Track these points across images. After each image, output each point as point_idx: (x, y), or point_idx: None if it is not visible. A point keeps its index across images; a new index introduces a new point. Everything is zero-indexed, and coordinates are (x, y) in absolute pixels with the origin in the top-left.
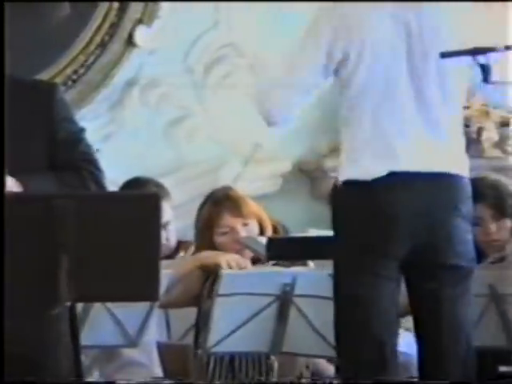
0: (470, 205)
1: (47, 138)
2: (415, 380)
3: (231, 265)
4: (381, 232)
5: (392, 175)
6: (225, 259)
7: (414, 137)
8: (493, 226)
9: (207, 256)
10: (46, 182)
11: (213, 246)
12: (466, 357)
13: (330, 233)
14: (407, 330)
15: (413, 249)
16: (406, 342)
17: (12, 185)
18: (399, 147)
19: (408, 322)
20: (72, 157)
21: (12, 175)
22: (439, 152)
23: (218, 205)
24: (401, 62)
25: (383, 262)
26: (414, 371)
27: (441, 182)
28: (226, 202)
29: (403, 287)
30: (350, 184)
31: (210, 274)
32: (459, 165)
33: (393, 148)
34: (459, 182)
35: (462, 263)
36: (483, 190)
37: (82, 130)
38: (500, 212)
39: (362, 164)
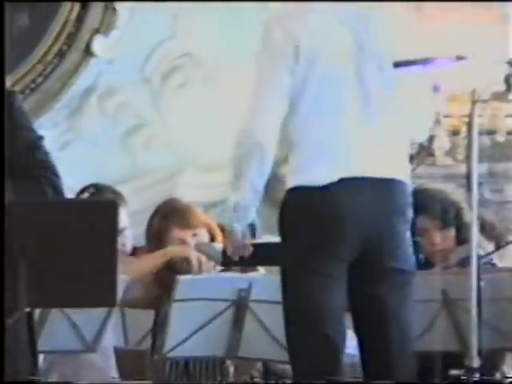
0: (411, 211)
1: (6, 147)
2: (361, 380)
3: (200, 259)
4: (330, 234)
5: (341, 181)
6: (194, 253)
7: (362, 145)
8: (437, 237)
9: (176, 250)
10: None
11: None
12: (408, 357)
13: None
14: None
15: (361, 251)
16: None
17: None
18: (348, 155)
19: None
20: (30, 164)
21: None
22: (384, 159)
23: (166, 219)
24: (349, 72)
25: (333, 263)
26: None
27: (388, 187)
28: (174, 216)
29: None
30: (300, 189)
31: (166, 279)
32: (403, 171)
33: (342, 156)
34: (404, 188)
35: (407, 267)
36: (426, 202)
37: (41, 137)
38: (443, 222)
39: (311, 171)
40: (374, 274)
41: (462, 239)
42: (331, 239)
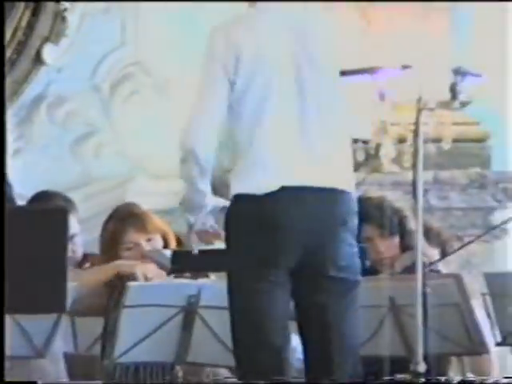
0: (356, 219)
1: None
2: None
3: (147, 275)
4: (270, 242)
5: (282, 189)
6: (141, 269)
7: (303, 154)
8: (382, 245)
9: (124, 264)
10: None
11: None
12: (351, 365)
13: None
14: None
15: (302, 259)
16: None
17: None
18: (289, 164)
19: None
20: None
21: None
22: (327, 168)
23: (122, 221)
24: (291, 82)
25: (274, 271)
26: None
27: (329, 196)
28: (130, 219)
29: None
30: (243, 197)
31: (116, 285)
32: (346, 180)
33: (283, 164)
34: (347, 197)
35: (348, 275)
36: (370, 211)
37: None
38: (387, 231)
39: (254, 178)
40: (316, 282)
41: (406, 246)
42: (271, 247)
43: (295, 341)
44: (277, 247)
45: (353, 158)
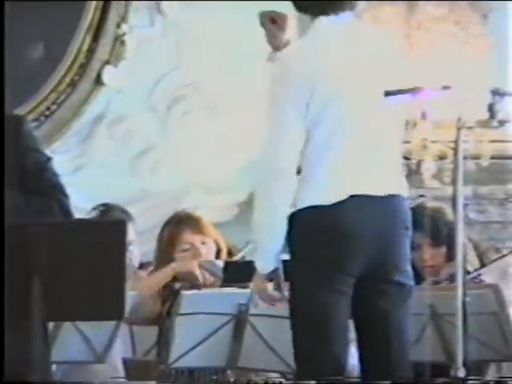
0: (411, 225)
1: (16, 167)
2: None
3: (204, 272)
4: (339, 251)
5: (348, 199)
6: (198, 269)
7: (365, 166)
8: (429, 253)
9: (181, 265)
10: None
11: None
12: (406, 369)
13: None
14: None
15: (368, 266)
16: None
17: None
18: (353, 176)
19: None
20: (39, 183)
21: None
22: (387, 178)
23: (180, 223)
24: (353, 100)
25: (341, 279)
26: None
27: (392, 203)
28: (187, 220)
29: None
30: (310, 209)
31: (170, 294)
32: (403, 188)
33: (348, 177)
34: (406, 203)
35: (407, 281)
36: (423, 219)
37: (49, 159)
38: (436, 240)
39: (320, 192)
40: (379, 288)
41: (453, 256)
42: (340, 256)
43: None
44: (345, 256)
45: None
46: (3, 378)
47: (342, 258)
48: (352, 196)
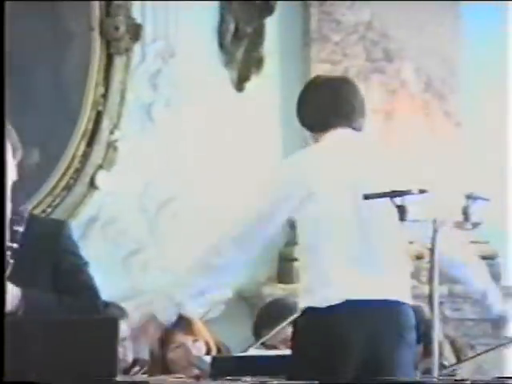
0: (414, 332)
1: (52, 267)
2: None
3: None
4: (334, 354)
5: (345, 303)
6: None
7: (364, 269)
8: None
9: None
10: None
11: (165, 362)
12: None
13: (271, 352)
14: None
15: (361, 369)
16: None
17: (16, 294)
18: (352, 279)
19: None
20: (74, 284)
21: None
22: (387, 282)
23: (173, 323)
24: (347, 205)
25: (336, 379)
26: None
27: (388, 309)
28: (179, 320)
29: None
30: (310, 311)
31: None
32: (404, 292)
33: (347, 279)
34: (405, 310)
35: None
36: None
37: (86, 263)
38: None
39: (318, 293)
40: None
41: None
42: (336, 359)
43: None
44: (340, 359)
45: None
46: (3, 377)
47: (336, 361)
48: (346, 301)
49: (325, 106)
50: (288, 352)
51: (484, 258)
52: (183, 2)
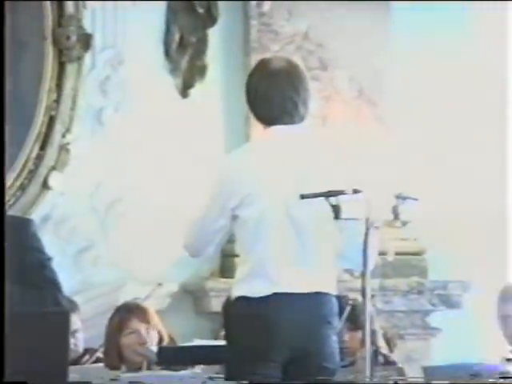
0: (337, 318)
1: (19, 263)
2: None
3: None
4: (263, 341)
5: (275, 295)
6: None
7: (292, 264)
8: (347, 336)
9: None
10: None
11: (118, 348)
12: None
13: (214, 342)
14: None
15: (291, 354)
16: None
17: None
18: (281, 273)
19: None
20: (38, 279)
21: None
22: (313, 276)
23: (128, 311)
24: (280, 205)
25: (267, 365)
26: None
27: (315, 300)
28: (136, 309)
29: None
30: (241, 299)
31: None
32: (329, 285)
33: (276, 273)
34: (330, 299)
35: (330, 365)
36: (345, 307)
37: (49, 258)
38: (354, 325)
39: (251, 285)
40: (303, 372)
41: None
42: (265, 345)
43: None
44: (268, 345)
45: None
46: (3, 377)
47: (265, 347)
48: (275, 293)
49: (273, 100)
50: None
51: (412, 254)
52: (131, 13)
